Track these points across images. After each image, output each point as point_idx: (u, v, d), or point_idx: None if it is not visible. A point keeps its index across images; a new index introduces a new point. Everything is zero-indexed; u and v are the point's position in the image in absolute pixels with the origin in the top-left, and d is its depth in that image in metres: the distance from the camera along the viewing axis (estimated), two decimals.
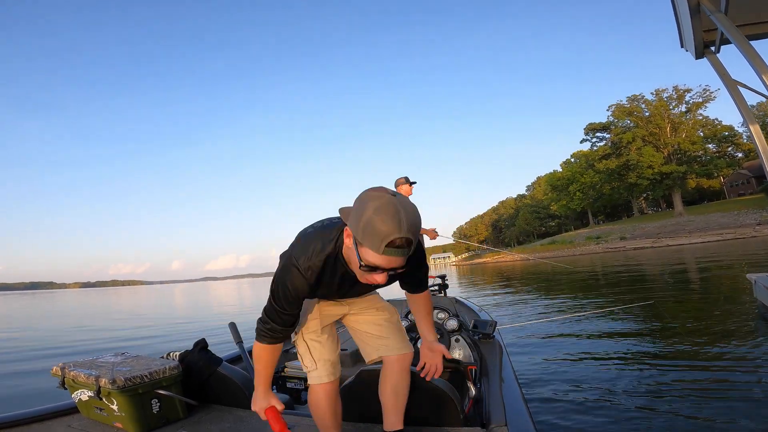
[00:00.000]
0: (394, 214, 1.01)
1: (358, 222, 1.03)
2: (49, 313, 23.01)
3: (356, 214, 1.05)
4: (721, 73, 4.09)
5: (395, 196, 1.06)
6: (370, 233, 1.01)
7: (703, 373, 3.73)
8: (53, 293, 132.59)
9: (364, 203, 1.05)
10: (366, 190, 1.11)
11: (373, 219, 1.00)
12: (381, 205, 1.02)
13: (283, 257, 1.31)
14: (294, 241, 1.33)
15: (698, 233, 38.95)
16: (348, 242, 1.14)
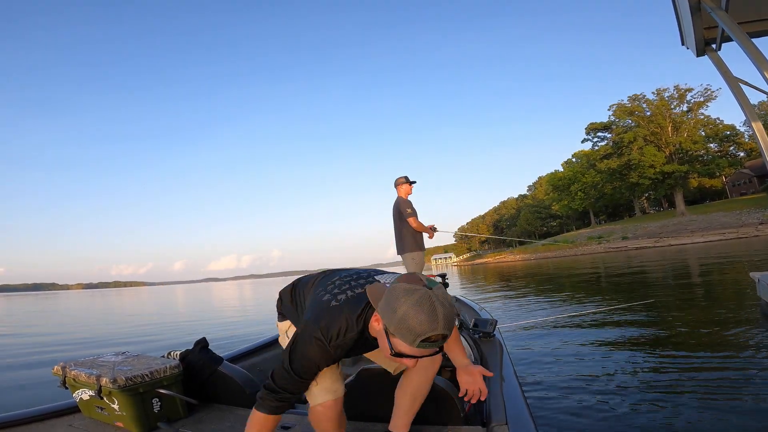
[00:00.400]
0: (431, 311, 1.02)
1: (392, 315, 1.04)
2: (51, 312, 23.06)
3: (389, 306, 1.05)
4: (723, 71, 4.08)
5: (431, 289, 1.06)
6: (406, 329, 1.02)
7: (707, 372, 3.71)
8: (56, 294, 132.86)
9: (398, 296, 1.05)
10: (400, 280, 1.12)
11: (408, 315, 1.01)
12: (417, 301, 1.02)
13: (306, 327, 1.24)
14: (315, 309, 1.27)
15: (700, 233, 38.82)
16: (377, 327, 1.15)
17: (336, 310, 1.23)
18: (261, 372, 3.30)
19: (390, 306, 1.05)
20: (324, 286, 1.36)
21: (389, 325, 1.05)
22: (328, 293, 1.30)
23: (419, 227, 4.47)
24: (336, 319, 1.21)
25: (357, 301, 1.25)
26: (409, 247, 4.49)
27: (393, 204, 4.63)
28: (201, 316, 16.30)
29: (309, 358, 1.21)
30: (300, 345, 1.22)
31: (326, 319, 1.22)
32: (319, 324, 1.21)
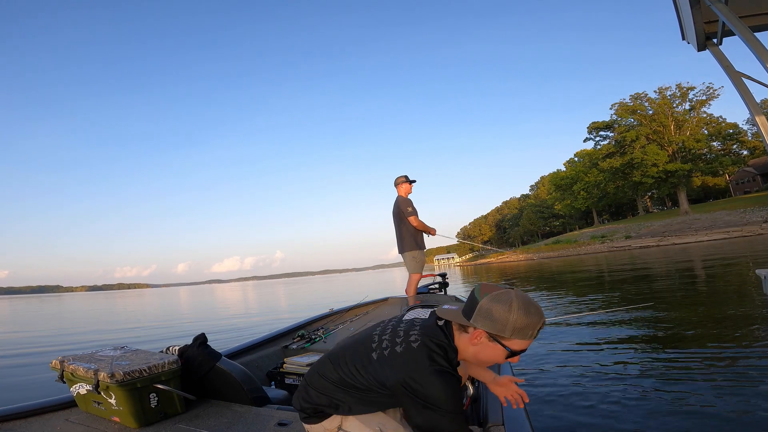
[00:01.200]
0: (531, 304, 1.18)
1: (504, 322, 1.16)
2: (55, 313, 23.15)
3: (501, 316, 1.17)
4: (725, 65, 4.03)
5: (513, 289, 1.21)
6: (525, 326, 1.16)
7: (711, 372, 3.67)
8: (60, 296, 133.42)
9: (503, 304, 1.17)
10: (488, 295, 1.21)
11: (522, 314, 1.16)
12: (520, 302, 1.17)
13: (436, 372, 1.21)
14: (424, 353, 1.25)
15: (704, 231, 38.59)
16: (476, 341, 1.23)
17: (435, 347, 1.24)
18: (259, 368, 3.29)
19: (501, 316, 1.17)
20: (376, 348, 1.32)
21: (505, 332, 1.17)
22: (398, 345, 1.28)
23: (420, 226, 4.45)
24: (442, 352, 1.24)
25: (439, 332, 1.29)
26: (410, 246, 4.47)
27: (393, 203, 4.62)
28: (203, 315, 16.34)
29: (457, 392, 1.21)
30: (447, 388, 1.19)
31: (438, 355, 1.23)
32: (438, 360, 1.22)
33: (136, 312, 21.49)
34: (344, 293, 23.10)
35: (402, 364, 1.24)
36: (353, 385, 1.31)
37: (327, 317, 4.78)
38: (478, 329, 1.21)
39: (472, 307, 1.22)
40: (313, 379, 1.41)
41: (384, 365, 1.27)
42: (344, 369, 1.33)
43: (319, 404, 1.36)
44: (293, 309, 16.03)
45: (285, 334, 4.00)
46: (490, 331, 1.19)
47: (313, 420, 1.39)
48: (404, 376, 1.21)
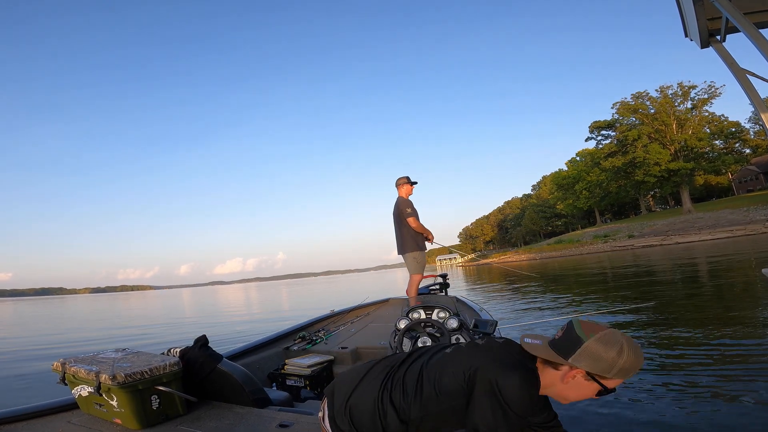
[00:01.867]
0: (638, 346, 1.14)
1: (612, 364, 1.11)
2: (59, 314, 23.21)
3: (607, 358, 1.11)
4: (729, 62, 3.98)
5: (614, 329, 1.17)
6: (630, 368, 1.12)
7: (715, 371, 3.64)
8: (63, 298, 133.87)
9: (610, 346, 1.11)
10: (594, 336, 1.14)
11: (631, 358, 1.11)
12: (630, 345, 1.13)
13: (522, 366, 1.16)
14: (513, 345, 1.25)
15: (708, 230, 38.41)
16: (569, 379, 1.16)
17: (524, 370, 1.17)
18: (260, 370, 3.28)
19: (611, 358, 1.11)
20: (448, 347, 1.30)
21: (609, 373, 1.12)
22: (478, 340, 1.27)
23: (418, 228, 4.45)
24: (531, 374, 1.17)
25: (528, 363, 1.23)
26: (411, 247, 4.48)
27: (394, 204, 4.62)
28: (205, 316, 16.35)
29: (532, 392, 1.13)
30: (522, 384, 1.11)
31: (524, 369, 1.16)
32: (523, 357, 1.18)
33: (139, 314, 21.54)
34: (347, 294, 23.09)
35: (484, 352, 1.20)
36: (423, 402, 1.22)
37: (328, 318, 4.77)
38: (577, 368, 1.14)
39: (573, 346, 1.14)
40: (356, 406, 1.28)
41: (461, 354, 1.23)
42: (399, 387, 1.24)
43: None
44: (295, 310, 16.03)
45: (286, 335, 3.99)
46: (591, 371, 1.13)
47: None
48: (485, 361, 1.16)
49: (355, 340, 3.87)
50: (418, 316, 2.77)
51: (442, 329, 2.63)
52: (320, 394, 3.10)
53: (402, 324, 2.71)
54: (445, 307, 2.80)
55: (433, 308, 2.79)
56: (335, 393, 1.35)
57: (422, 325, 2.69)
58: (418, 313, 2.78)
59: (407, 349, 2.56)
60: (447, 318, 2.72)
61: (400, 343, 2.61)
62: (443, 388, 1.18)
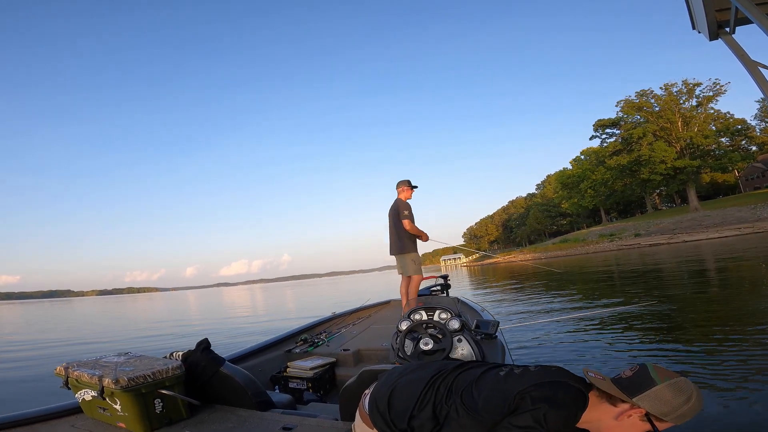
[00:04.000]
0: (702, 397, 1.15)
1: (676, 409, 1.12)
2: (61, 318, 23.40)
3: (674, 403, 1.13)
4: (739, 54, 3.87)
5: (687, 378, 1.18)
6: (686, 415, 1.13)
7: (719, 372, 3.60)
8: (70, 301, 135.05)
9: (681, 393, 1.13)
10: (669, 381, 1.15)
11: (695, 406, 1.13)
12: (699, 395, 1.14)
13: (567, 388, 1.18)
14: (563, 373, 1.24)
15: (715, 228, 38.07)
16: (624, 418, 1.16)
17: (566, 375, 1.21)
18: (262, 373, 3.28)
19: (677, 404, 1.12)
20: (501, 370, 1.30)
21: (668, 417, 1.13)
22: (531, 367, 1.27)
23: (413, 230, 4.51)
24: (575, 384, 1.19)
25: (571, 375, 1.25)
26: (409, 248, 4.53)
27: (391, 205, 4.65)
28: (209, 318, 16.40)
29: (576, 413, 1.14)
30: (565, 401, 1.13)
31: (570, 379, 1.19)
32: (572, 381, 1.18)
33: (143, 317, 21.65)
34: (350, 295, 23.08)
35: (537, 375, 1.21)
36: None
37: (330, 321, 4.79)
38: (638, 408, 1.15)
39: (642, 387, 1.15)
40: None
41: (513, 378, 1.23)
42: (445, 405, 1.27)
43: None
44: (301, 311, 16.06)
45: (288, 338, 4.00)
46: (652, 412, 1.13)
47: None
48: (535, 382, 1.17)
49: (357, 342, 3.87)
50: (419, 318, 2.76)
51: (443, 330, 2.62)
52: (323, 397, 3.10)
53: (403, 325, 2.70)
54: (446, 308, 2.79)
55: (434, 309, 2.79)
56: (386, 376, 1.44)
57: (424, 326, 2.68)
58: (420, 315, 2.77)
59: (409, 351, 2.56)
60: (449, 319, 2.71)
61: (402, 344, 2.60)
62: (488, 404, 1.20)
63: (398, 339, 2.65)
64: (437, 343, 2.55)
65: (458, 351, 2.55)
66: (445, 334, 2.60)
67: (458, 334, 2.63)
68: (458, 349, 2.56)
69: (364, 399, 1.44)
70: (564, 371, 1.24)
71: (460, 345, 2.58)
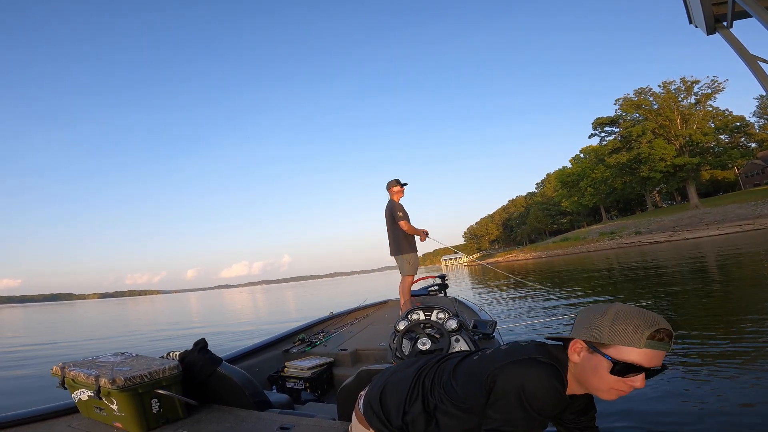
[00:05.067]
0: (634, 308, 1.02)
1: (601, 325, 1.03)
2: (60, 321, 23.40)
3: (596, 320, 1.05)
4: (738, 48, 3.84)
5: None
6: (625, 329, 0.98)
7: (722, 372, 3.59)
8: (72, 304, 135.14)
9: (596, 310, 1.07)
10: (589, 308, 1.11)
11: (621, 315, 1.00)
12: (619, 306, 1.03)
13: (541, 363, 1.10)
14: (533, 347, 1.18)
15: (716, 225, 38.02)
16: (577, 357, 1.09)
17: (538, 346, 1.17)
18: (260, 373, 3.28)
19: (596, 318, 1.05)
20: (476, 354, 1.27)
21: (602, 336, 1.02)
22: (503, 346, 1.23)
23: (410, 230, 4.55)
24: (547, 352, 1.15)
25: (543, 343, 1.20)
26: (405, 249, 4.56)
27: (385, 207, 4.68)
28: (208, 320, 16.40)
29: (553, 388, 1.06)
30: (533, 377, 1.06)
31: (550, 362, 1.11)
32: (544, 354, 1.13)
33: (142, 319, 21.64)
34: (353, 295, 23.07)
35: (505, 354, 1.17)
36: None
37: (327, 321, 4.80)
38: (576, 340, 1.10)
39: (591, 322, 1.08)
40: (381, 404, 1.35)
41: (484, 360, 1.21)
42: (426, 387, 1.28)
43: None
44: (301, 312, 16.05)
45: (285, 338, 4.01)
46: (587, 339, 1.06)
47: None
48: (505, 362, 1.12)
49: (355, 342, 3.88)
50: (417, 318, 2.76)
51: (441, 330, 2.62)
52: (320, 396, 3.10)
53: (401, 325, 2.71)
54: (444, 308, 2.80)
55: (432, 309, 2.79)
56: (378, 376, 1.46)
57: (421, 326, 2.69)
58: (418, 315, 2.78)
59: (407, 351, 2.56)
60: (446, 319, 2.71)
61: (400, 344, 2.60)
62: (466, 389, 1.19)
63: (396, 339, 2.66)
64: (435, 343, 2.55)
65: (456, 351, 2.55)
66: (442, 334, 2.60)
67: (456, 333, 2.64)
68: (456, 348, 2.58)
69: (359, 401, 1.46)
70: (534, 346, 1.19)
71: (458, 345, 2.59)
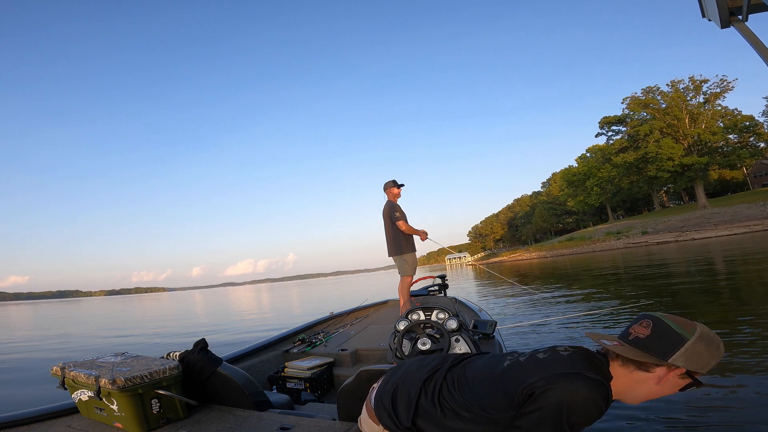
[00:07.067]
0: (718, 337, 1.12)
1: (710, 361, 1.09)
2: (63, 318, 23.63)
3: (708, 355, 1.09)
4: (754, 42, 3.75)
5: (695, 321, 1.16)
6: (718, 359, 1.10)
7: (725, 375, 3.54)
8: (78, 301, 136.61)
9: (712, 343, 1.10)
10: (696, 333, 1.11)
11: (722, 350, 1.10)
12: (719, 339, 1.12)
13: (590, 378, 1.09)
14: (578, 358, 1.16)
15: (724, 225, 37.61)
16: (665, 380, 1.12)
17: (583, 356, 1.16)
18: (260, 373, 3.28)
19: (711, 355, 1.09)
20: (507, 359, 1.23)
21: (705, 369, 1.09)
22: (540, 353, 1.21)
23: (409, 230, 4.54)
24: (595, 366, 1.14)
25: (589, 353, 1.21)
26: (403, 249, 4.55)
27: (383, 208, 4.66)
28: (214, 318, 16.48)
29: (597, 405, 1.08)
30: (581, 392, 1.06)
31: (588, 362, 1.13)
32: (590, 367, 1.12)
33: (145, 317, 21.79)
34: (357, 294, 23.10)
35: (546, 365, 1.13)
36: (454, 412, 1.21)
37: (327, 321, 4.80)
38: (675, 368, 1.09)
39: (673, 345, 1.08)
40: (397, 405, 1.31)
41: (518, 369, 1.17)
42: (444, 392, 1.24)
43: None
44: (306, 309, 16.10)
45: (286, 338, 4.01)
46: (691, 369, 1.09)
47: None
48: (548, 374, 1.10)
49: (355, 342, 3.87)
50: (417, 318, 2.76)
51: (441, 330, 2.62)
52: (321, 397, 3.10)
53: (401, 325, 2.70)
54: (444, 308, 2.79)
55: (432, 309, 2.78)
56: (392, 371, 1.44)
57: (421, 326, 2.68)
58: (418, 315, 2.77)
59: (407, 351, 2.55)
60: (446, 319, 2.71)
61: (400, 344, 2.60)
62: (494, 398, 1.16)
63: (396, 339, 2.65)
64: (435, 343, 2.55)
65: (456, 351, 2.55)
66: (442, 334, 2.60)
67: (456, 334, 2.63)
68: (456, 349, 2.57)
69: (372, 393, 1.42)
70: (579, 357, 1.16)
71: (458, 345, 2.59)
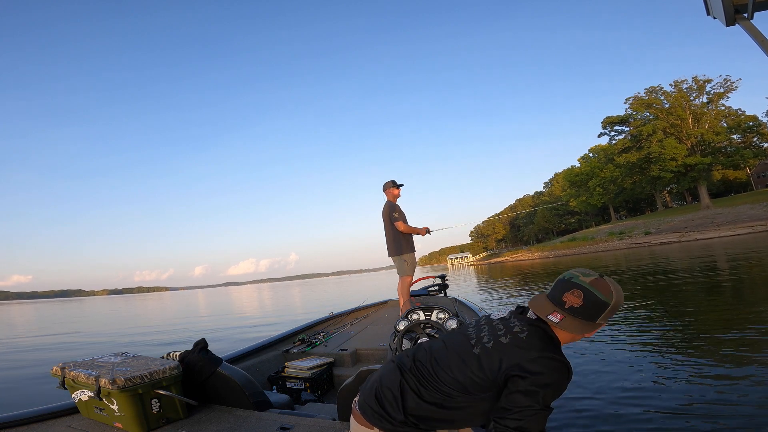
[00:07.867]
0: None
1: (609, 300, 1.20)
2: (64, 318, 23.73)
3: (604, 297, 1.19)
4: (759, 40, 3.71)
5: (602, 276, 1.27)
6: (619, 304, 1.22)
7: (726, 373, 3.52)
8: (81, 300, 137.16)
9: (606, 285, 1.21)
10: (612, 296, 1.20)
11: (619, 291, 1.22)
12: (612, 280, 1.25)
13: (553, 360, 1.16)
14: (536, 338, 1.21)
15: (728, 226, 37.44)
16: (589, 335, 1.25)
17: (549, 337, 1.23)
18: (260, 373, 3.28)
19: (604, 298, 1.18)
20: (476, 344, 1.27)
21: (602, 312, 1.19)
22: (501, 337, 1.24)
23: (407, 230, 4.53)
24: (551, 341, 1.22)
25: (539, 324, 1.27)
26: (402, 249, 4.54)
27: (382, 208, 4.66)
28: (213, 318, 16.51)
29: (561, 386, 1.16)
30: (554, 375, 1.14)
31: (554, 345, 1.21)
32: (554, 350, 1.19)
33: (147, 316, 21.84)
34: (358, 294, 23.11)
35: (514, 349, 1.20)
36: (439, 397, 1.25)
37: (327, 321, 4.81)
38: (598, 326, 1.23)
39: (600, 311, 1.19)
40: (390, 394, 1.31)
41: (489, 354, 1.22)
42: (430, 377, 1.27)
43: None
44: (307, 308, 16.11)
45: (285, 338, 4.02)
46: (605, 324, 1.23)
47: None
48: (519, 360, 1.16)
49: (355, 342, 3.87)
50: (417, 318, 2.75)
51: (441, 330, 2.61)
52: (320, 397, 3.10)
53: (401, 325, 2.70)
54: (444, 308, 2.79)
55: (432, 309, 2.78)
56: (370, 377, 1.45)
57: (421, 326, 2.68)
58: (418, 315, 2.77)
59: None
60: (446, 319, 2.70)
61: (400, 344, 2.60)
62: (472, 383, 1.20)
63: (396, 339, 2.65)
64: None
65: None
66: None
67: None
68: None
69: (355, 403, 1.44)
70: (536, 336, 1.21)
71: None
